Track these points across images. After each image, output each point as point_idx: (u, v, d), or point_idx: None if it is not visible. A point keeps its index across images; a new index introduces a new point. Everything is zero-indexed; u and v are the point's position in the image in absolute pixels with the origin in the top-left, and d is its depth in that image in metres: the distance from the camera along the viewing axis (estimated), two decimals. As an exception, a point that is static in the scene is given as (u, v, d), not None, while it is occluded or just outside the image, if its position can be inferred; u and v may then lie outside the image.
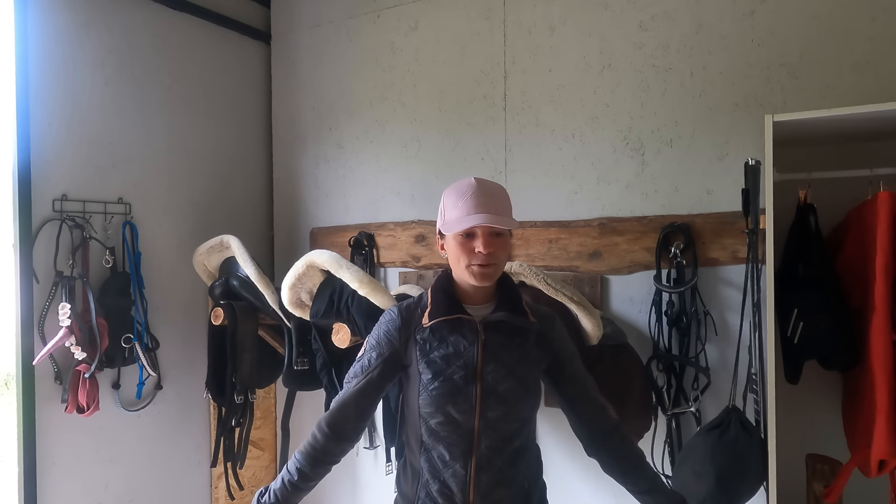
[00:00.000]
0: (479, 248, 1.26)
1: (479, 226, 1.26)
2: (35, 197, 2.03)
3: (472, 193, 1.28)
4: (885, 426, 1.43)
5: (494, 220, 1.26)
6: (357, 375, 1.37)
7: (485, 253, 1.26)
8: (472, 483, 1.30)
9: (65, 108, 2.13)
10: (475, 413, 1.29)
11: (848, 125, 1.58)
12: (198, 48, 2.60)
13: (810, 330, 1.63)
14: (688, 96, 2.00)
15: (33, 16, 2.03)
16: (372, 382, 1.36)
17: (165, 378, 2.45)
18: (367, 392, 1.36)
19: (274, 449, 2.86)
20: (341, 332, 1.95)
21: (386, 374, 1.37)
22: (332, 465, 1.38)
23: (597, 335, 1.81)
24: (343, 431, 1.36)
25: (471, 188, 1.29)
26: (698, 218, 1.97)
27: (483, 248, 1.26)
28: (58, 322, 2.00)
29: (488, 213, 1.26)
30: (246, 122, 2.84)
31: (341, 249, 2.62)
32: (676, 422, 1.98)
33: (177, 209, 2.51)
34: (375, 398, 1.39)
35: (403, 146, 2.53)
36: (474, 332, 1.32)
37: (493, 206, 1.28)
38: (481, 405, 1.29)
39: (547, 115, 2.23)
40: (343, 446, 1.38)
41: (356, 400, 1.36)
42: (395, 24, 2.55)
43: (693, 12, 1.98)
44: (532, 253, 2.25)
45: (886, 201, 1.47)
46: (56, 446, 2.08)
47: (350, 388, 1.37)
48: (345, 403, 1.37)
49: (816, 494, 1.70)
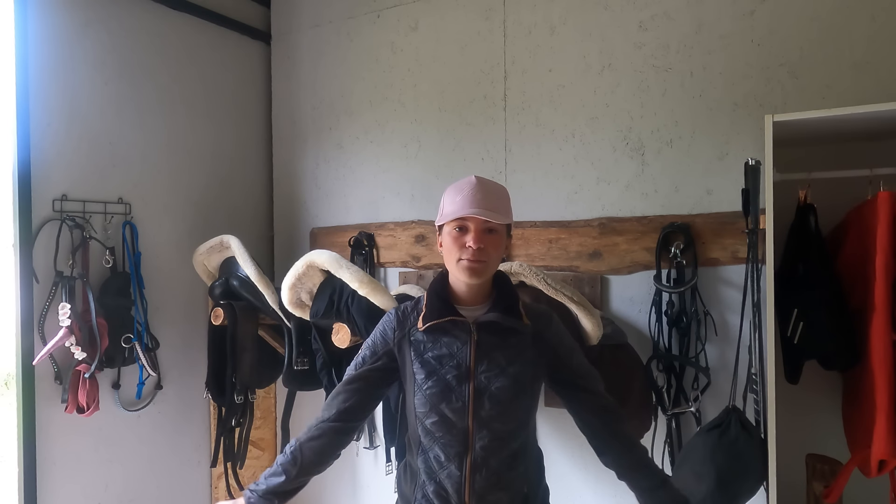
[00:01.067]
0: (470, 243, 1.27)
1: (470, 218, 1.27)
2: (35, 197, 2.03)
3: (471, 189, 1.30)
4: (885, 426, 1.43)
5: (488, 214, 1.26)
6: (349, 373, 1.40)
7: (474, 248, 1.26)
8: (468, 484, 1.30)
9: (65, 108, 2.13)
10: (468, 412, 1.29)
11: (848, 125, 1.58)
12: (198, 48, 2.60)
13: (810, 330, 1.63)
14: (688, 96, 2.00)
15: (33, 16, 2.03)
16: (362, 377, 1.38)
17: (165, 378, 2.45)
18: (357, 387, 1.38)
19: (274, 449, 2.86)
20: (341, 332, 1.95)
21: (378, 371, 1.38)
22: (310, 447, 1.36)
23: (597, 335, 1.81)
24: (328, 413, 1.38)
25: (470, 185, 1.31)
26: (698, 218, 1.97)
27: (473, 242, 1.27)
28: (58, 322, 2.00)
29: (483, 209, 1.27)
30: (246, 122, 2.84)
31: (341, 249, 2.62)
32: (676, 422, 1.98)
33: (177, 209, 2.51)
34: (367, 393, 1.39)
35: (403, 146, 2.53)
36: (467, 332, 1.33)
37: (489, 203, 1.29)
38: (474, 404, 1.29)
39: (547, 115, 2.23)
40: (321, 425, 1.37)
41: (344, 390, 1.38)
42: (395, 24, 2.55)
43: (693, 12, 1.98)
44: (532, 253, 2.25)
45: (886, 201, 1.47)
46: (56, 446, 2.08)
47: (342, 382, 1.40)
48: (334, 392, 1.40)
49: (816, 494, 1.70)
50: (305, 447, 1.34)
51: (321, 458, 1.36)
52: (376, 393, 1.42)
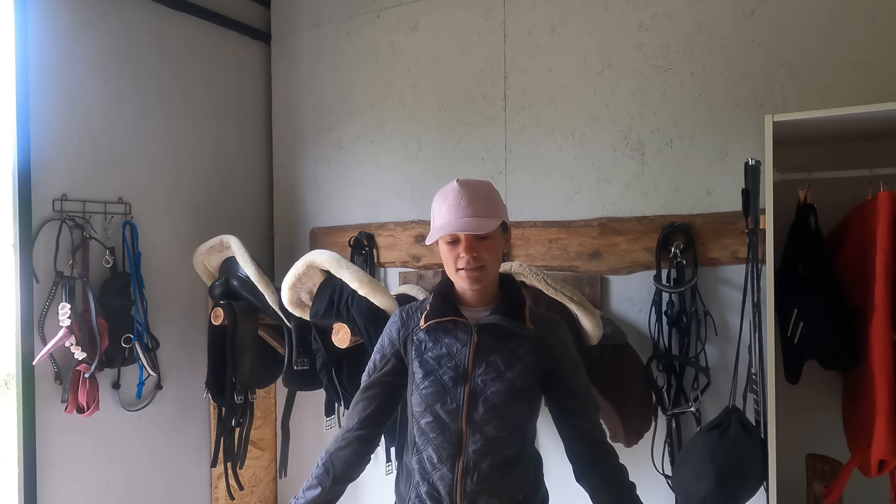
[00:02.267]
0: (462, 254, 1.28)
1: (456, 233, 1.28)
2: (35, 197, 2.03)
3: (454, 197, 1.29)
4: (885, 426, 1.43)
5: (472, 225, 1.26)
6: (364, 380, 1.43)
7: (467, 257, 1.27)
8: (459, 487, 1.29)
9: (65, 108, 2.13)
10: (461, 414, 1.29)
11: (848, 125, 1.58)
12: (198, 48, 2.60)
13: (810, 330, 1.63)
14: (688, 96, 2.00)
15: (33, 16, 2.03)
16: (377, 383, 1.40)
17: (165, 378, 2.45)
18: (373, 394, 1.40)
19: (274, 449, 2.86)
20: (341, 332, 1.95)
21: (392, 373, 1.40)
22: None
23: (597, 335, 1.80)
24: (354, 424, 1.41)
25: (452, 193, 1.30)
26: (698, 218, 1.97)
27: (465, 252, 1.27)
28: (58, 322, 2.00)
29: (468, 218, 1.27)
30: (246, 122, 2.84)
31: (341, 249, 2.62)
32: (676, 422, 1.98)
33: (177, 209, 2.51)
34: (385, 397, 1.41)
35: (403, 146, 2.53)
36: (468, 334, 1.33)
37: (474, 209, 1.28)
38: (468, 406, 1.29)
39: (547, 114, 2.23)
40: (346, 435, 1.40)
41: (362, 398, 1.41)
42: (395, 24, 2.55)
43: (693, 12, 1.98)
44: (532, 253, 2.25)
45: (886, 201, 1.47)
46: (56, 446, 2.08)
47: (359, 391, 1.43)
48: (353, 401, 1.43)
49: (816, 494, 1.70)
50: (335, 458, 1.39)
51: (352, 467, 1.40)
52: (393, 396, 1.42)
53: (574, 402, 1.35)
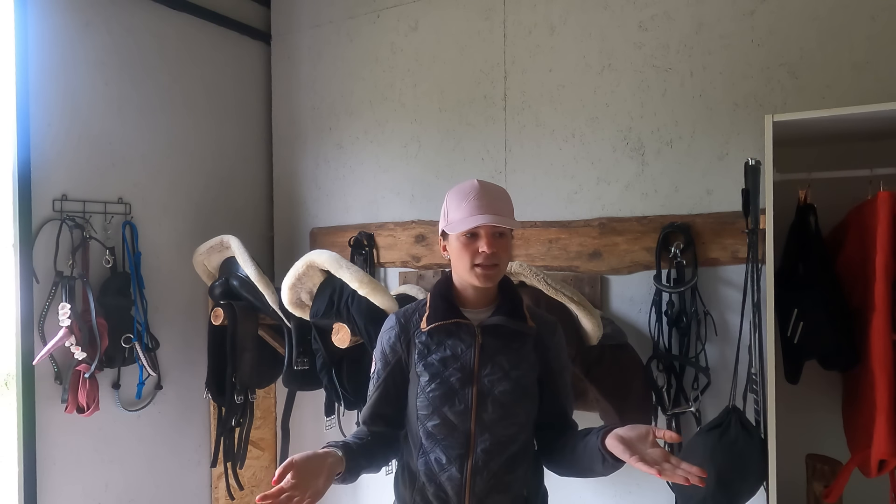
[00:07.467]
0: (483, 248, 1.27)
1: (482, 226, 1.27)
2: (35, 197, 2.03)
3: (476, 195, 1.29)
4: (885, 426, 1.43)
5: (498, 219, 1.27)
6: (371, 392, 1.43)
7: (488, 252, 1.27)
8: (468, 487, 1.30)
9: (65, 108, 2.13)
10: (471, 415, 1.29)
11: (848, 125, 1.58)
12: (198, 48, 2.60)
13: (810, 330, 1.63)
14: (688, 96, 2.00)
15: (33, 16, 2.03)
16: (385, 394, 1.40)
17: (165, 378, 2.45)
18: (385, 402, 1.40)
19: (274, 449, 2.86)
20: (341, 332, 1.95)
21: (399, 381, 1.39)
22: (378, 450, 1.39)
23: (597, 335, 1.81)
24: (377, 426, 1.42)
25: (474, 189, 1.31)
26: (698, 218, 1.97)
27: (487, 247, 1.27)
28: (58, 322, 2.00)
29: (492, 214, 1.27)
30: (246, 122, 2.84)
31: (341, 249, 2.62)
32: (676, 422, 1.98)
33: (177, 209, 2.51)
34: (399, 403, 1.40)
35: (403, 146, 2.53)
36: (472, 335, 1.33)
37: (495, 207, 1.29)
38: (477, 407, 1.29)
39: (547, 114, 2.23)
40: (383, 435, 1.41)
41: (375, 409, 1.41)
42: (395, 24, 2.55)
43: (693, 12, 1.98)
44: (532, 253, 2.25)
45: (886, 201, 1.47)
46: (56, 446, 2.08)
47: (368, 402, 1.43)
48: (364, 417, 1.43)
49: (816, 494, 1.70)
50: (370, 438, 1.38)
51: (379, 458, 1.40)
52: (405, 402, 1.42)
53: (557, 401, 1.40)
